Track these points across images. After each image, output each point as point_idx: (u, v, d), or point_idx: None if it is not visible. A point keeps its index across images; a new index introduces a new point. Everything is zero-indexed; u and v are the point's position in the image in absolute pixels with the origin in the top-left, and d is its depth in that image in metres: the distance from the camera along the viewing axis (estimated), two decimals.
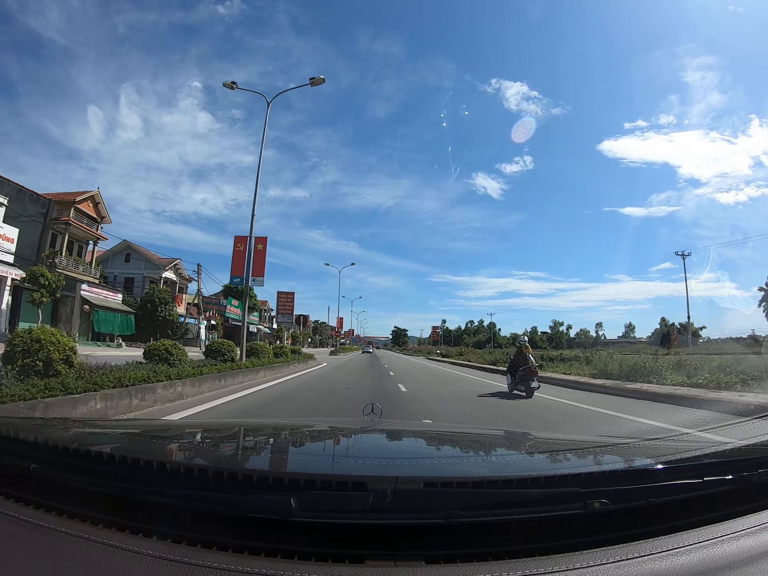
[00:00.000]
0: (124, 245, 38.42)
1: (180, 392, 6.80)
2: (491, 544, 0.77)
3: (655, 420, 6.18)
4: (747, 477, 0.90)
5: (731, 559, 0.72)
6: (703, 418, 6.44)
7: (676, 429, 5.45)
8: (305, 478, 0.81)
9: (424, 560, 0.72)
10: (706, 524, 0.81)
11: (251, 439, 1.64)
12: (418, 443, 1.71)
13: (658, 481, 0.87)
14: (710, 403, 7.38)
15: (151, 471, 0.85)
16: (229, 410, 6.34)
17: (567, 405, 8.44)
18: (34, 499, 0.87)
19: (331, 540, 0.75)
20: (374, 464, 1.16)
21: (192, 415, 5.56)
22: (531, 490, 0.83)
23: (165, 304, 33.60)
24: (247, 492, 0.78)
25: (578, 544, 0.75)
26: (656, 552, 0.72)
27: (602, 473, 0.95)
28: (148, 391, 5.89)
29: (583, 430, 5.79)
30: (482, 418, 6.64)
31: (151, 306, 33.19)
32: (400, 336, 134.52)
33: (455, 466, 1.23)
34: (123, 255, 38.75)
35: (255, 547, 0.73)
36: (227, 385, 8.91)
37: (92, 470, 0.88)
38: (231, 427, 1.98)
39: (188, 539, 0.74)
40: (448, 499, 0.79)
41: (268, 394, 8.71)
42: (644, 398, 9.11)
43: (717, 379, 9.58)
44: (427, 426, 3.16)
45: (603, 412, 7.44)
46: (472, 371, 22.59)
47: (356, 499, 0.76)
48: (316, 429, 1.98)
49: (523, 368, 9.55)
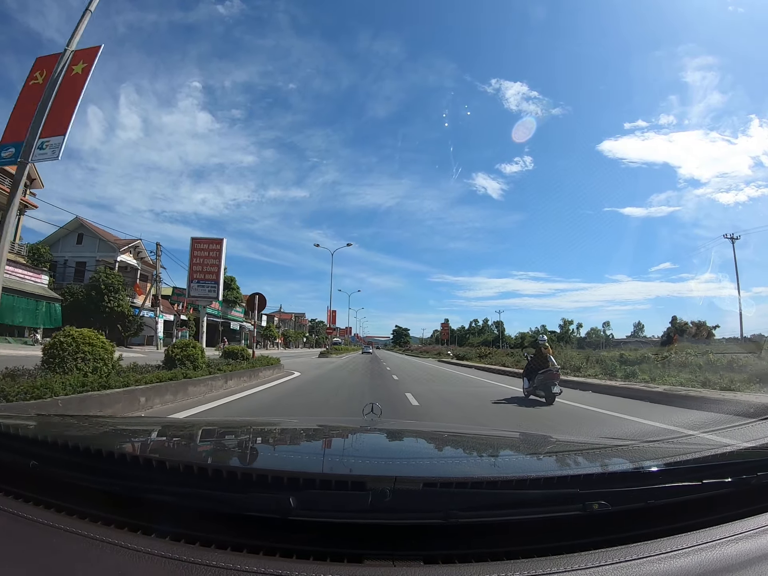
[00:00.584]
0: (76, 223, 31.70)
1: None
2: (490, 544, 0.77)
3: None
4: (746, 480, 0.90)
5: (730, 562, 0.72)
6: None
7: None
8: (304, 477, 0.81)
9: (422, 560, 0.72)
10: (704, 527, 0.81)
11: (251, 437, 1.64)
12: (418, 443, 1.71)
13: (657, 483, 0.87)
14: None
15: (150, 469, 0.85)
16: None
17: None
18: (34, 495, 0.87)
19: (329, 539, 0.76)
20: (373, 464, 1.16)
21: None
22: (530, 491, 0.83)
23: (114, 292, 27.03)
24: (246, 490, 0.78)
25: (577, 545, 0.75)
26: (655, 554, 0.72)
27: (601, 475, 0.95)
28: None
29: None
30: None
31: (97, 294, 26.54)
32: (402, 335, 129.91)
33: (454, 467, 1.23)
34: (75, 235, 32.28)
35: (254, 546, 0.73)
36: None
37: (91, 467, 0.89)
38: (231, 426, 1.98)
39: (187, 537, 0.74)
40: (447, 499, 0.79)
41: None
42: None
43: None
44: (427, 426, 3.15)
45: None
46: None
47: (355, 499, 0.76)
48: (316, 428, 1.98)
49: (543, 371, 8.68)
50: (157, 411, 5.72)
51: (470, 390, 11.56)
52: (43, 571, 0.68)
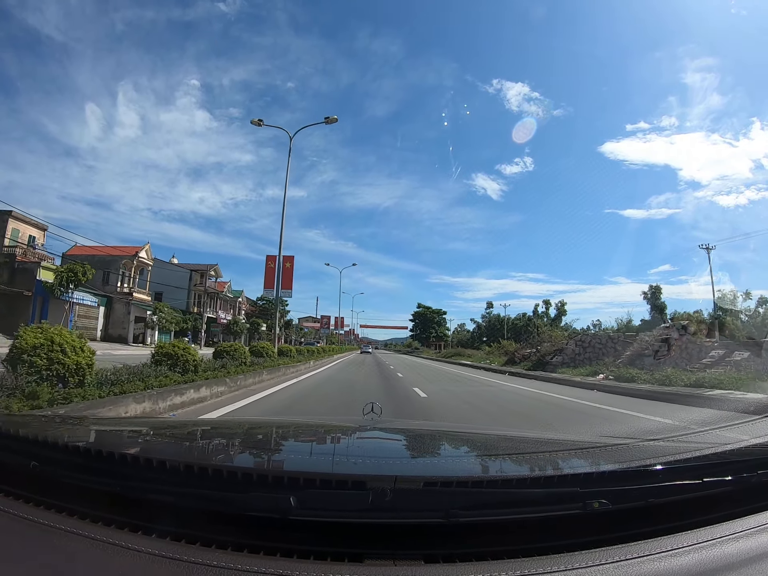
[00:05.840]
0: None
1: None
2: (490, 543, 0.77)
3: None
4: (746, 478, 0.90)
5: (730, 560, 0.72)
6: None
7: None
8: (305, 477, 0.81)
9: (423, 559, 0.72)
10: (705, 525, 0.81)
11: (251, 437, 1.64)
12: (418, 443, 1.71)
13: (658, 481, 0.87)
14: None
15: (150, 469, 0.85)
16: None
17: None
18: (35, 496, 0.87)
19: (330, 539, 0.75)
20: (374, 463, 1.16)
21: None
22: (530, 489, 0.83)
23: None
24: (246, 490, 0.78)
25: (577, 544, 0.75)
26: (655, 552, 0.72)
27: (601, 473, 0.95)
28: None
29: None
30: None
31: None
32: (428, 322, 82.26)
33: (455, 466, 1.23)
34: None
35: (254, 546, 0.73)
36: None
37: (92, 468, 0.88)
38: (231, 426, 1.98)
39: (188, 537, 0.74)
40: (448, 498, 0.79)
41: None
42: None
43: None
44: (427, 426, 3.16)
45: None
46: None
47: (356, 498, 0.76)
48: (316, 428, 1.98)
49: None
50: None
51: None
52: (44, 571, 0.68)
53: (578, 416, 7.11)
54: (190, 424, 2.59)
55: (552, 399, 9.69)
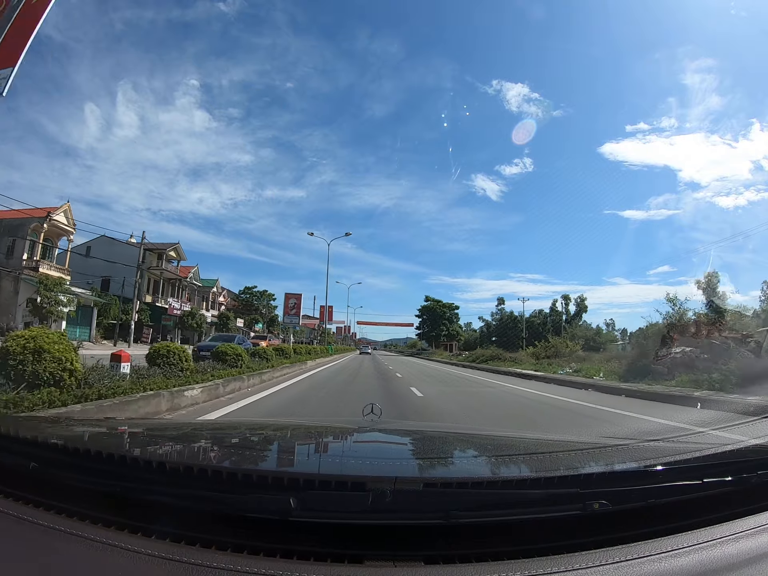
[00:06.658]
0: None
1: None
2: (490, 544, 0.77)
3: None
4: (746, 478, 0.90)
5: (731, 561, 0.72)
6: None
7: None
8: (304, 478, 0.81)
9: (423, 560, 0.72)
10: (705, 525, 0.81)
11: (250, 438, 1.64)
12: (418, 444, 1.71)
13: (658, 482, 0.87)
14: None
15: (150, 470, 0.85)
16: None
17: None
18: (34, 497, 0.87)
19: (330, 540, 0.75)
20: (374, 464, 1.16)
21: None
22: (530, 490, 0.83)
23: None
24: (246, 492, 0.78)
25: (578, 545, 0.75)
26: (656, 553, 0.72)
27: (602, 474, 0.95)
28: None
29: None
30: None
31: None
32: (438, 318, 68.69)
33: (455, 467, 1.23)
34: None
35: (254, 547, 0.73)
36: None
37: (91, 469, 0.88)
38: (230, 427, 1.97)
39: (187, 538, 0.74)
40: (448, 499, 0.79)
41: None
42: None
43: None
44: (427, 426, 3.15)
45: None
46: None
47: (355, 499, 0.76)
48: (316, 429, 1.98)
49: None
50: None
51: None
52: (43, 572, 0.68)
53: None
54: (190, 425, 2.59)
55: None
